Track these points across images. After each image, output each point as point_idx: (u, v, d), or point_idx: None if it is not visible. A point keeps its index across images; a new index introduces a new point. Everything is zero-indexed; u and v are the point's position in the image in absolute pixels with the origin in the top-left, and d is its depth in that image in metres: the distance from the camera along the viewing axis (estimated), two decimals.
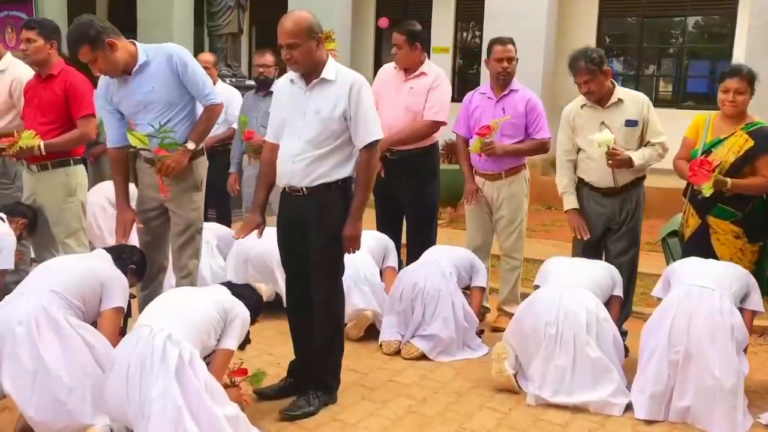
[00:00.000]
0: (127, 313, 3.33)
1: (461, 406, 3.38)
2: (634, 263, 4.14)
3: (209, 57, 6.16)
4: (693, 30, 10.68)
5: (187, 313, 2.77)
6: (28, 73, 4.38)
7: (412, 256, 4.71)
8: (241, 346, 3.02)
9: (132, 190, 5.69)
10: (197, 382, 2.60)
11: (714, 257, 3.66)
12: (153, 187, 3.61)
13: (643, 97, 4.03)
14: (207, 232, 4.44)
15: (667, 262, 4.19)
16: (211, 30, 8.18)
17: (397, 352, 3.99)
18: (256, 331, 3.32)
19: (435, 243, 4.95)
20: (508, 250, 4.56)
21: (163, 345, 2.60)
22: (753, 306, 3.43)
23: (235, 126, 5.65)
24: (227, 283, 3.25)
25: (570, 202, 4.11)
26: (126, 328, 3.54)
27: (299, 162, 3.12)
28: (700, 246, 3.79)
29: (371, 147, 3.14)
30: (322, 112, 3.10)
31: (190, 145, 3.50)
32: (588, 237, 4.02)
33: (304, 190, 3.15)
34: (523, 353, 3.52)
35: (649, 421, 3.23)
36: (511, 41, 4.43)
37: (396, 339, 4.01)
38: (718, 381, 3.11)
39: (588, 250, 4.12)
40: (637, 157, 3.89)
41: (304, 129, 3.12)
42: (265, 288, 4.56)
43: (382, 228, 4.76)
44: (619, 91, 4.00)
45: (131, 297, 3.34)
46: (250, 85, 7.07)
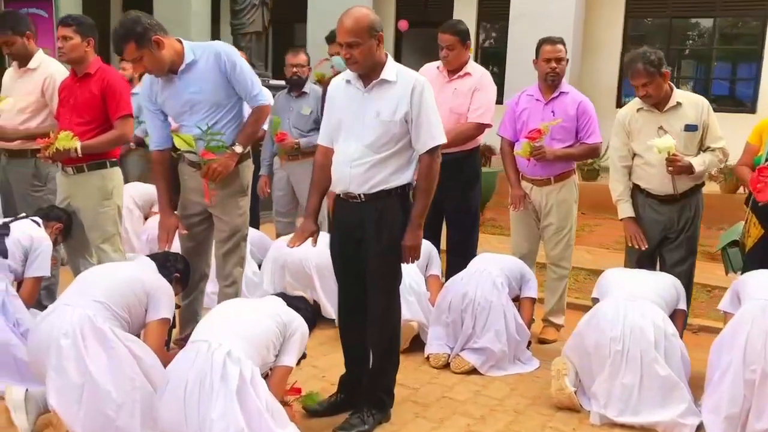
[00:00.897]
0: (172, 324, 3.19)
1: (522, 425, 3.22)
2: (690, 273, 3.97)
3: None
4: (723, 31, 10.47)
5: (246, 328, 2.61)
6: (61, 71, 4.24)
7: (452, 262, 4.56)
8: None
9: (143, 189, 5.58)
10: (259, 403, 2.45)
11: None
12: (197, 192, 3.45)
13: (703, 100, 3.86)
14: None
15: (726, 272, 4.03)
16: (235, 28, 8.03)
17: (446, 366, 3.82)
18: None
19: (476, 249, 4.80)
20: (556, 259, 4.39)
21: (222, 362, 2.45)
22: None
23: (265, 127, 5.50)
24: (281, 294, 3.10)
25: (626, 210, 3.95)
26: (170, 339, 3.40)
27: (357, 167, 2.96)
28: (764, 257, 3.61)
29: (434, 152, 2.98)
30: (382, 115, 2.94)
31: (238, 148, 3.34)
32: (646, 247, 3.85)
33: (362, 196, 2.99)
34: (585, 370, 3.36)
35: None
36: (561, 41, 4.27)
37: (444, 352, 3.85)
38: None
39: (643, 259, 3.96)
40: (698, 163, 3.73)
41: (363, 132, 2.96)
42: (303, 296, 4.40)
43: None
44: (678, 94, 3.83)
45: (176, 307, 3.20)
46: (273, 84, 6.93)
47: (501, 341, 3.76)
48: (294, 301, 2.95)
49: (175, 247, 3.62)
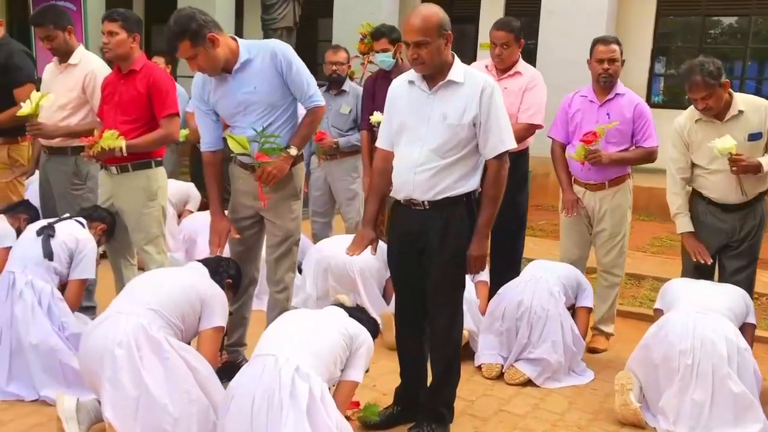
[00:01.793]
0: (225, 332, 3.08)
1: None
2: (751, 282, 3.82)
3: None
4: (760, 30, 10.25)
5: (313, 342, 2.49)
6: (102, 67, 4.14)
7: (497, 269, 4.43)
8: None
9: (176, 187, 5.40)
10: (329, 421, 2.34)
11: None
12: (248, 195, 3.34)
13: (765, 103, 3.70)
14: None
15: None
16: (266, 23, 7.91)
17: (499, 376, 3.70)
18: None
19: (522, 255, 4.68)
20: (608, 266, 4.25)
21: (291, 378, 2.33)
22: None
23: None
24: (339, 304, 2.98)
25: (685, 225, 3.79)
26: (223, 347, 3.30)
27: (422, 173, 2.84)
28: None
29: (502, 157, 2.85)
30: (449, 118, 2.81)
31: (293, 151, 3.22)
32: (710, 261, 3.71)
33: (425, 204, 2.87)
34: (651, 384, 3.23)
35: None
36: (615, 40, 4.12)
37: (497, 362, 3.72)
38: None
39: (701, 266, 3.81)
40: (766, 161, 3.57)
41: (428, 136, 2.84)
42: (347, 300, 4.29)
43: None
44: (739, 101, 3.64)
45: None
46: None
47: (558, 352, 3.63)
48: (355, 312, 2.83)
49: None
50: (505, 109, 2.89)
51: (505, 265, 4.47)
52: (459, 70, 2.85)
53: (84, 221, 3.63)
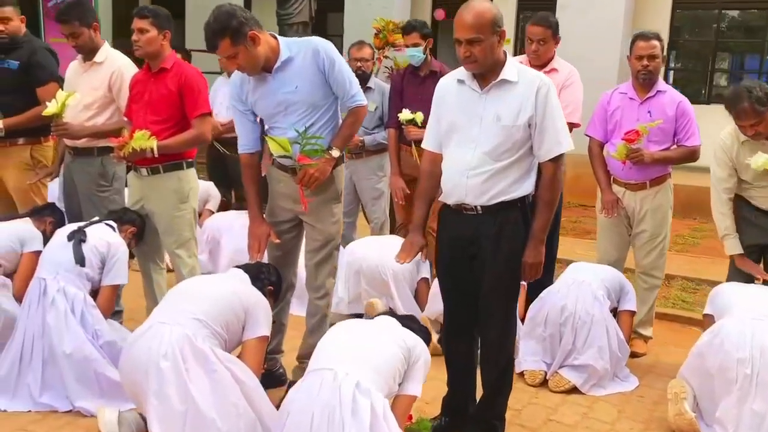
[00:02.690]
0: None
1: None
2: None
3: None
4: None
5: (372, 355, 2.38)
6: (129, 65, 4.02)
7: None
8: None
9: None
10: None
11: None
12: (288, 198, 3.22)
13: None
14: None
15: None
16: (282, 18, 7.78)
17: (542, 383, 3.60)
18: None
19: (556, 255, 4.57)
20: (648, 268, 4.15)
21: (352, 395, 2.22)
22: None
23: None
24: (389, 312, 2.88)
25: (734, 247, 3.68)
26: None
27: (475, 177, 2.72)
28: None
29: (558, 159, 2.74)
30: (503, 119, 2.70)
31: (335, 152, 3.10)
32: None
33: (478, 208, 2.75)
34: (706, 393, 3.12)
35: None
36: (655, 36, 3.98)
37: (541, 369, 3.62)
38: None
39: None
40: None
41: (481, 138, 2.72)
42: (380, 304, 4.20)
43: None
44: None
45: None
46: None
47: (604, 358, 3.53)
48: (407, 321, 2.72)
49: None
50: (562, 110, 2.78)
51: None
52: (512, 68, 2.74)
53: (114, 224, 3.52)
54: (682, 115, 3.96)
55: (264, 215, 3.31)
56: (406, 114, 4.70)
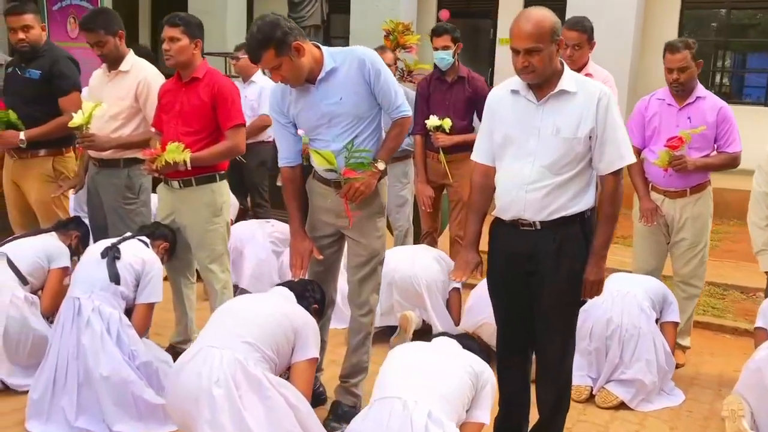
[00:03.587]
0: None
1: None
2: None
3: None
4: None
5: (440, 382, 2.28)
6: (156, 74, 3.91)
7: None
8: None
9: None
10: None
11: None
12: (330, 212, 3.12)
13: None
14: None
15: None
16: (294, 22, 7.64)
17: (589, 398, 3.51)
18: None
19: None
20: (687, 277, 4.06)
21: (425, 426, 2.12)
22: None
23: None
24: (444, 333, 2.77)
25: None
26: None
27: (534, 191, 2.62)
28: None
29: (619, 173, 2.64)
30: (563, 132, 2.60)
31: (380, 165, 3.00)
32: None
33: (537, 224, 2.65)
34: (765, 410, 3.03)
35: None
36: (685, 45, 3.82)
37: (587, 384, 3.53)
38: None
39: None
40: None
41: (540, 151, 2.62)
42: (414, 316, 4.10)
43: None
44: None
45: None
46: None
47: (652, 372, 3.45)
48: (467, 342, 2.61)
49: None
50: (622, 120, 2.68)
51: None
52: (570, 78, 2.64)
53: (147, 240, 3.41)
54: (723, 121, 3.88)
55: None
56: (433, 120, 4.61)
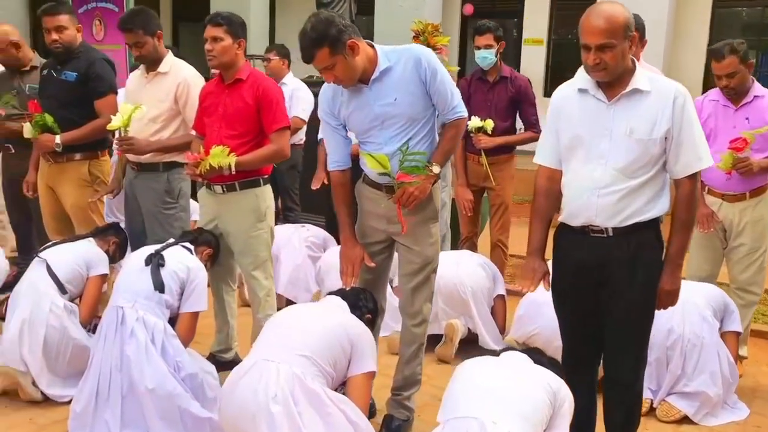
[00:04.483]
0: None
1: None
2: None
3: None
4: None
5: (517, 400, 2.14)
6: (196, 75, 3.81)
7: None
8: None
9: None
10: None
11: None
12: (380, 218, 2.99)
13: None
14: None
15: None
16: None
17: (649, 411, 3.35)
18: None
19: None
20: (745, 283, 3.88)
21: None
22: None
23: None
24: (510, 348, 2.64)
25: None
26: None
27: (607, 196, 2.48)
28: None
29: (695, 176, 2.50)
30: (637, 133, 2.45)
31: (436, 169, 2.87)
32: None
33: (609, 231, 2.51)
34: None
35: None
36: (731, 51, 3.59)
37: (647, 396, 3.36)
38: None
39: None
40: None
41: (612, 154, 2.48)
42: (460, 325, 3.96)
43: None
44: None
45: None
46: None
47: (717, 384, 3.29)
48: (538, 357, 2.45)
49: None
50: (699, 121, 2.53)
51: None
52: (643, 76, 2.49)
53: (191, 246, 3.30)
54: None
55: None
56: (475, 122, 4.47)
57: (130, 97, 3.83)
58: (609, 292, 2.55)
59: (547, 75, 11.18)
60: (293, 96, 5.49)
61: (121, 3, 8.26)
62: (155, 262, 3.09)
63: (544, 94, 10.21)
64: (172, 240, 3.33)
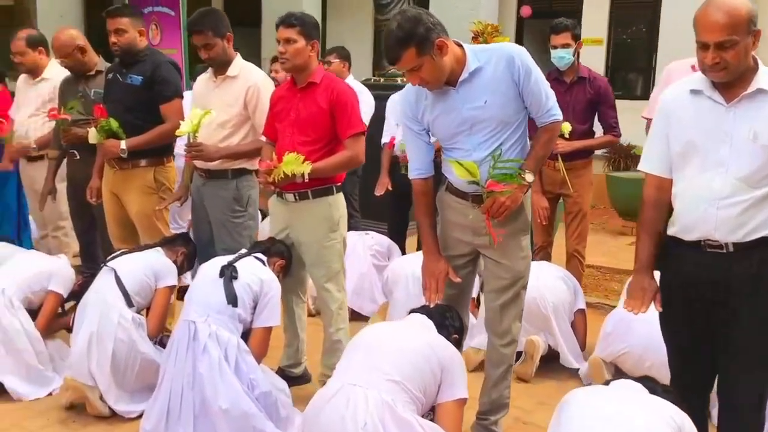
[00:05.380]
0: None
1: None
2: None
3: None
4: None
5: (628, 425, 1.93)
6: (266, 79, 3.68)
7: None
8: None
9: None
10: None
11: None
12: (466, 229, 2.79)
13: None
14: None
15: None
16: (381, 24, 7.39)
17: None
18: None
19: None
20: None
21: None
22: None
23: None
24: (622, 374, 2.42)
25: None
26: None
27: (728, 208, 2.24)
28: None
29: None
30: (762, 138, 2.21)
31: (529, 177, 2.66)
32: None
33: (729, 246, 2.27)
34: None
35: None
36: None
37: None
38: None
39: None
40: None
41: (733, 161, 2.24)
42: (540, 342, 3.73)
43: None
44: None
45: None
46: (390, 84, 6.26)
47: None
48: (650, 384, 2.22)
49: None
50: None
51: None
52: (764, 73, 2.25)
53: (263, 257, 3.16)
54: None
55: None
56: (564, 126, 4.24)
57: (198, 101, 3.71)
58: (728, 311, 2.31)
59: (606, 76, 10.82)
60: None
61: (177, 7, 8.23)
62: (228, 274, 2.96)
63: None
64: (244, 251, 3.19)
